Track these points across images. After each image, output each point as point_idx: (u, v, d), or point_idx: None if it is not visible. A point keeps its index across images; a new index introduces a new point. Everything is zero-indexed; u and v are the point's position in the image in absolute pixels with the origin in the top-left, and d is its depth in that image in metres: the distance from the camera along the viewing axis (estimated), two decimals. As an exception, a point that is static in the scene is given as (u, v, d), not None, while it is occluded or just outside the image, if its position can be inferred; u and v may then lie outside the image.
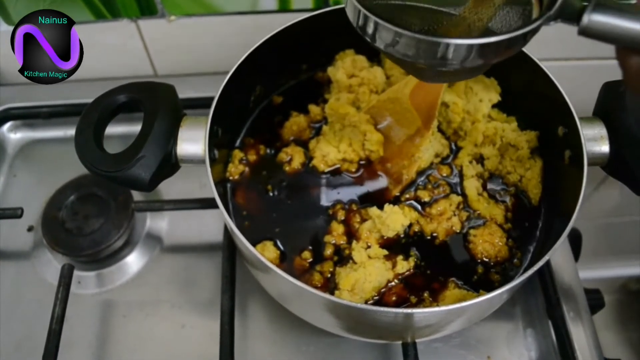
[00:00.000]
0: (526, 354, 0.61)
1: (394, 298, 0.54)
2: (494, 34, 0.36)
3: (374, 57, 0.66)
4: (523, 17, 0.41)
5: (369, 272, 0.53)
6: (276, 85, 0.68)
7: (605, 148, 0.52)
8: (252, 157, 0.63)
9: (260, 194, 0.61)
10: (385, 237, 0.56)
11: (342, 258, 0.56)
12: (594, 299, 0.65)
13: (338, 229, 0.58)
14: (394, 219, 0.55)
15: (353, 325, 0.54)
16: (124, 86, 0.53)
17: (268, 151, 0.64)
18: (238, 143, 0.65)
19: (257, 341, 0.62)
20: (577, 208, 0.48)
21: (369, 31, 0.38)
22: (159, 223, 0.71)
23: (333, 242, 0.57)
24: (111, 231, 0.67)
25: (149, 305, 0.65)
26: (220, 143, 0.58)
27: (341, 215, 0.59)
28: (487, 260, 0.56)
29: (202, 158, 0.51)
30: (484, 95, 0.62)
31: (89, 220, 0.68)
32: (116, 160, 0.49)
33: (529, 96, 0.60)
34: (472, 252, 0.57)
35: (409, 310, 0.46)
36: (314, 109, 0.65)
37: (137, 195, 0.71)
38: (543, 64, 0.56)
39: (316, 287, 0.53)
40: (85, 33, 0.72)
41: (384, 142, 0.61)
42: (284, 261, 0.57)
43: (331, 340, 0.61)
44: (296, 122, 0.65)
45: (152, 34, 0.78)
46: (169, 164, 0.52)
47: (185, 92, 0.64)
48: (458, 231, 0.58)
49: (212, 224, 0.70)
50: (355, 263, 0.54)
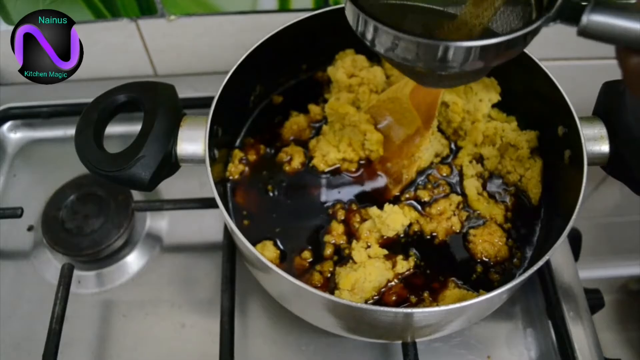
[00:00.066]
0: (526, 354, 0.61)
1: (394, 298, 0.54)
2: (493, 36, 0.36)
3: (374, 57, 0.66)
4: (523, 19, 0.41)
5: (369, 272, 0.53)
6: (276, 84, 0.68)
7: (605, 148, 0.52)
8: (252, 157, 0.63)
9: (260, 194, 0.61)
10: (385, 237, 0.56)
11: (342, 258, 0.56)
12: (594, 299, 0.65)
13: (338, 229, 0.58)
14: (394, 219, 0.55)
15: (353, 325, 0.54)
16: (124, 86, 0.53)
17: (268, 151, 0.64)
18: (238, 143, 0.65)
19: (257, 341, 0.62)
20: (577, 208, 0.48)
21: (369, 36, 0.38)
22: (159, 223, 0.71)
23: (333, 242, 0.57)
24: (111, 231, 0.67)
25: (149, 304, 0.65)
26: (220, 143, 0.58)
27: (341, 215, 0.59)
28: (487, 260, 0.56)
29: (202, 158, 0.51)
30: (484, 95, 0.62)
31: (89, 219, 0.68)
32: (116, 160, 0.49)
33: (529, 96, 0.60)
34: (472, 252, 0.57)
35: (409, 310, 0.46)
36: (314, 109, 0.65)
37: (137, 195, 0.71)
38: (543, 64, 0.56)
39: (316, 287, 0.53)
40: (85, 33, 0.72)
41: (384, 142, 0.61)
42: (284, 261, 0.57)
43: (331, 339, 0.61)
44: (296, 122, 0.65)
45: (152, 34, 0.78)
46: (169, 164, 0.52)
47: (185, 92, 0.64)
48: (458, 231, 0.58)
49: (212, 224, 0.70)
50: (355, 263, 0.54)
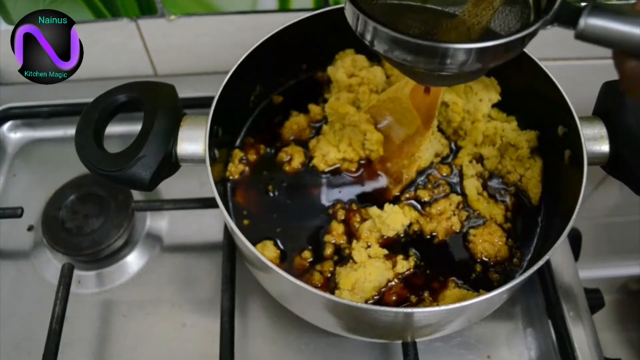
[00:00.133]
0: (526, 354, 0.61)
1: (394, 297, 0.54)
2: (492, 38, 0.36)
3: (374, 57, 0.66)
4: (521, 20, 0.41)
5: (369, 272, 0.53)
6: (276, 84, 0.68)
7: (605, 147, 0.52)
8: (252, 157, 0.63)
9: (260, 194, 0.61)
10: (385, 237, 0.56)
11: (342, 258, 0.56)
12: (594, 299, 0.65)
13: (338, 229, 0.58)
14: (394, 219, 0.55)
15: (353, 324, 0.54)
16: (124, 86, 0.53)
17: (268, 151, 0.64)
18: (238, 142, 0.65)
19: (257, 340, 0.62)
20: (577, 207, 0.48)
21: (368, 36, 0.38)
22: (159, 222, 0.71)
23: (333, 242, 0.57)
24: (111, 231, 0.67)
25: (149, 304, 0.65)
26: (220, 142, 0.58)
27: (341, 214, 0.59)
28: (487, 259, 0.56)
29: (202, 157, 0.51)
30: (484, 94, 0.62)
31: (89, 219, 0.68)
32: (116, 159, 0.49)
33: (529, 96, 0.60)
34: (472, 252, 0.57)
35: (409, 309, 0.46)
36: (314, 109, 0.65)
37: (137, 194, 0.71)
38: (543, 64, 0.56)
39: (316, 287, 0.53)
40: (85, 32, 0.72)
41: (384, 142, 0.61)
42: (284, 261, 0.57)
43: (331, 339, 0.61)
44: (296, 122, 0.65)
45: (152, 34, 0.78)
46: (169, 164, 0.52)
47: (185, 92, 0.64)
48: (458, 231, 0.58)
49: (212, 224, 0.70)
50: (355, 262, 0.54)
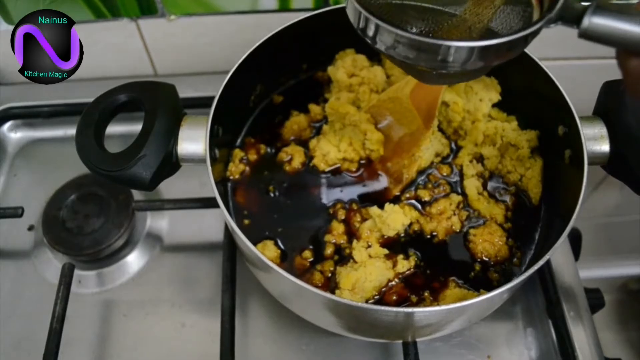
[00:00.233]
0: (526, 353, 0.61)
1: (395, 297, 0.54)
2: (495, 37, 0.36)
3: (374, 57, 0.66)
4: (523, 19, 0.41)
5: (370, 272, 0.53)
6: (276, 84, 0.68)
7: (605, 147, 0.52)
8: (253, 157, 0.63)
9: (260, 194, 0.61)
10: (385, 237, 0.56)
11: (343, 257, 0.56)
12: (594, 299, 0.65)
13: (338, 228, 0.58)
14: (395, 218, 0.55)
15: (354, 324, 0.54)
16: (124, 85, 0.53)
17: (268, 150, 0.64)
18: (238, 142, 0.65)
19: (258, 340, 0.62)
20: (578, 207, 0.48)
21: (370, 33, 0.38)
22: (160, 222, 0.71)
23: (333, 242, 0.57)
24: (111, 230, 0.67)
25: (150, 304, 0.65)
26: (220, 142, 0.58)
27: (341, 214, 0.59)
28: (487, 259, 0.56)
29: (203, 157, 0.51)
30: (484, 94, 0.62)
31: (90, 219, 0.68)
32: (117, 159, 0.49)
33: (529, 95, 0.60)
34: (472, 252, 0.57)
35: (410, 309, 0.46)
36: (315, 109, 0.65)
37: (138, 194, 0.71)
38: (543, 64, 0.56)
39: (317, 287, 0.53)
40: (85, 32, 0.72)
41: (385, 142, 0.61)
42: (285, 260, 0.57)
43: (332, 339, 0.61)
44: (296, 122, 0.65)
45: (152, 34, 0.78)
46: (170, 163, 0.52)
47: (185, 92, 0.64)
48: (458, 230, 0.58)
49: (213, 224, 0.70)
50: (355, 262, 0.54)
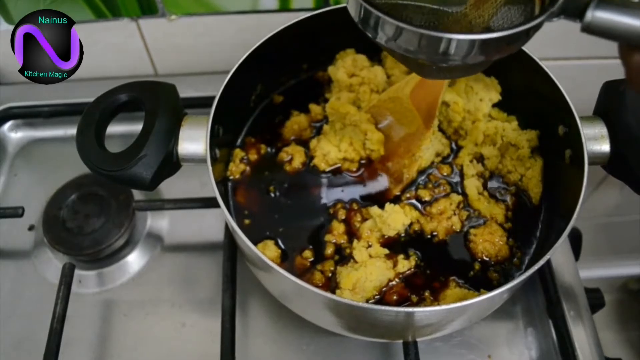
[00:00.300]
0: (527, 353, 0.61)
1: (395, 297, 0.54)
2: (497, 30, 0.36)
3: (375, 57, 0.66)
4: (525, 14, 0.41)
5: (370, 271, 0.53)
6: (277, 84, 0.68)
7: (605, 147, 0.52)
8: (253, 157, 0.63)
9: (261, 193, 0.61)
10: (386, 236, 0.56)
11: (343, 257, 0.56)
12: (595, 298, 0.65)
13: (339, 228, 0.58)
14: (395, 218, 0.55)
15: (354, 324, 0.54)
16: (125, 85, 0.53)
17: (269, 150, 0.64)
18: (239, 142, 0.65)
19: (258, 340, 0.62)
20: (578, 207, 0.48)
21: (370, 25, 0.38)
22: (160, 222, 0.71)
23: (334, 241, 0.57)
24: (112, 230, 0.67)
25: (150, 304, 0.65)
26: (221, 142, 0.58)
27: (342, 214, 0.59)
28: (488, 259, 0.56)
29: (203, 157, 0.51)
30: (485, 94, 0.62)
31: (90, 219, 0.68)
32: (117, 159, 0.49)
33: (530, 95, 0.60)
34: (473, 252, 0.57)
35: (410, 309, 0.46)
36: (315, 108, 0.65)
37: (138, 194, 0.71)
38: (543, 63, 0.56)
39: (317, 286, 0.53)
40: (85, 32, 0.72)
41: (385, 141, 0.61)
42: (285, 260, 0.57)
43: (332, 339, 0.61)
44: (297, 122, 0.65)
45: (153, 33, 0.78)
46: (170, 163, 0.52)
47: (185, 92, 0.64)
48: (458, 230, 0.58)
49: (213, 224, 0.70)
50: (356, 262, 0.54)
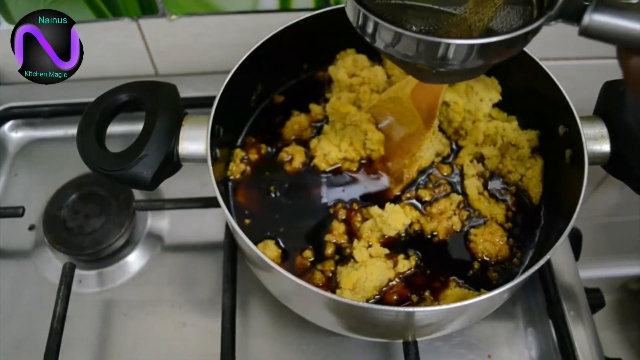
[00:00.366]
0: (527, 353, 0.61)
1: (395, 297, 0.54)
2: (495, 34, 0.36)
3: (375, 57, 0.66)
4: (524, 17, 0.41)
5: (370, 271, 0.53)
6: (277, 84, 0.68)
7: (606, 147, 0.52)
8: (254, 156, 0.63)
9: (261, 193, 0.61)
10: (386, 236, 0.56)
11: (343, 257, 0.56)
12: (595, 298, 0.65)
13: (339, 228, 0.58)
14: (395, 218, 0.55)
15: (354, 324, 0.54)
16: (125, 85, 0.53)
17: (269, 150, 0.64)
18: (239, 142, 0.65)
19: (258, 340, 0.62)
20: (578, 207, 0.48)
21: (369, 31, 0.38)
22: (160, 222, 0.71)
23: (334, 241, 0.57)
24: (112, 230, 0.67)
25: (150, 304, 0.65)
26: (221, 142, 0.58)
27: (342, 214, 0.59)
28: (488, 259, 0.56)
29: (204, 157, 0.52)
30: (485, 94, 0.62)
31: (90, 219, 0.68)
32: (118, 159, 0.49)
33: (530, 95, 0.60)
34: (473, 251, 0.57)
35: (410, 309, 0.46)
36: (315, 108, 0.65)
37: (138, 194, 0.71)
38: (544, 63, 0.56)
39: (317, 286, 0.53)
40: (86, 32, 0.72)
41: (385, 141, 0.61)
42: (286, 260, 0.57)
43: (332, 339, 0.62)
44: (297, 122, 0.65)
45: (153, 33, 0.78)
46: (171, 163, 0.52)
47: (186, 92, 0.64)
48: (458, 230, 0.58)
49: (213, 223, 0.70)
50: (356, 262, 0.54)
